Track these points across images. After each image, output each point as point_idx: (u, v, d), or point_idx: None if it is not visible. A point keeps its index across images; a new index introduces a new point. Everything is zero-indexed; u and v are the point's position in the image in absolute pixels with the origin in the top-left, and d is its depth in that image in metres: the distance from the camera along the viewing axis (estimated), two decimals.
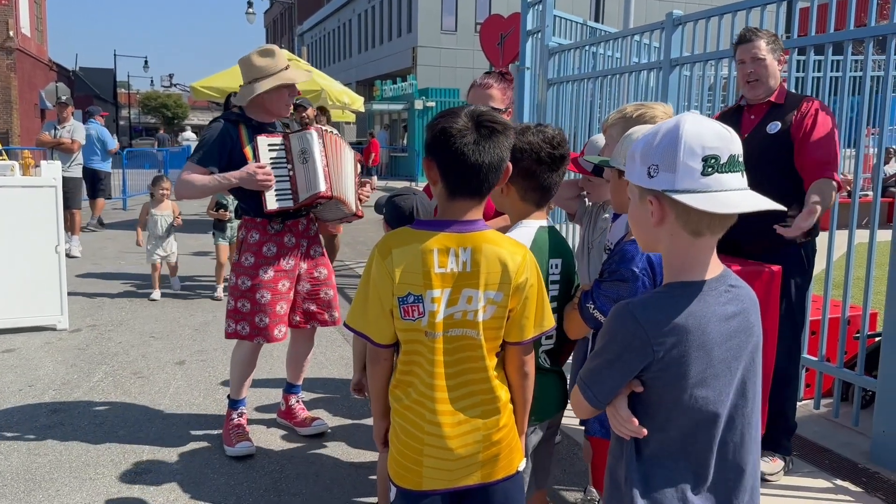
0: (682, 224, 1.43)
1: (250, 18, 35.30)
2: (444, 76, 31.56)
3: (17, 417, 4.06)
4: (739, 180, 1.40)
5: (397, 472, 1.93)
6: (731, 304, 1.48)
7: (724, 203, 1.36)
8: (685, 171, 1.37)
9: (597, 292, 2.14)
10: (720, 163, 1.37)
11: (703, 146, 1.37)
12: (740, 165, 1.40)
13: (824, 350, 4.08)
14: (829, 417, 4.11)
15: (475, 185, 1.83)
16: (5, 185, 5.69)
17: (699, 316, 1.43)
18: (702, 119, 1.42)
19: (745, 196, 1.39)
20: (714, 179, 1.37)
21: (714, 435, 1.49)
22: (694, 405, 1.46)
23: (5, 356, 5.13)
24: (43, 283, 5.76)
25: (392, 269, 1.80)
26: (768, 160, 3.30)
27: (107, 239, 10.68)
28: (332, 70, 40.27)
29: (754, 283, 3.07)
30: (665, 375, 1.45)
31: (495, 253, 1.83)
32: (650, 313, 1.44)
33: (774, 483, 3.38)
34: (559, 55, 6.47)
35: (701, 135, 1.38)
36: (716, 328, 1.44)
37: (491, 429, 1.89)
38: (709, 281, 1.46)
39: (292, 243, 3.62)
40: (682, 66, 4.98)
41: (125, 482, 3.36)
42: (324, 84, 11.26)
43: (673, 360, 1.43)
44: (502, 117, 1.88)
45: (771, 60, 3.31)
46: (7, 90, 28.47)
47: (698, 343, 1.43)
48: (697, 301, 1.44)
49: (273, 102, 3.52)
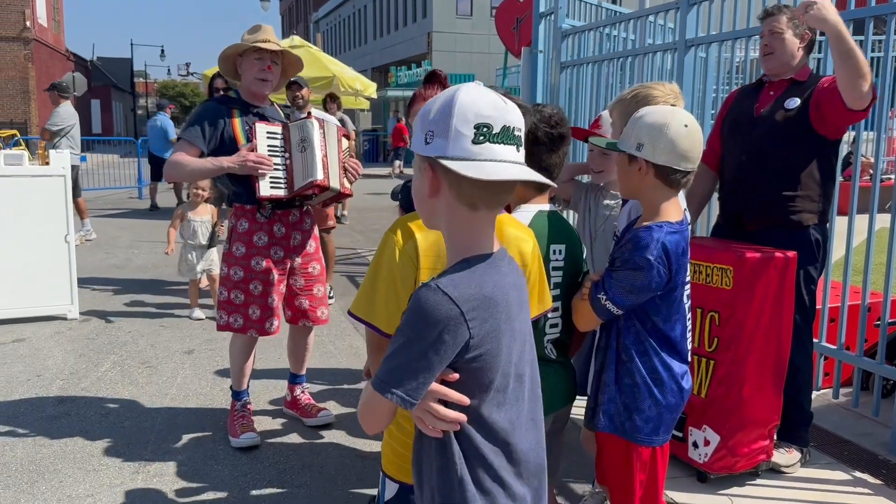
0: (456, 195, 1.37)
1: (265, 6, 35.26)
2: (459, 61, 31.38)
3: (24, 408, 4.05)
4: (514, 153, 1.35)
5: (400, 467, 1.85)
6: (513, 274, 1.47)
7: (488, 171, 1.31)
8: (457, 137, 1.32)
9: (609, 282, 2.06)
10: (492, 132, 1.33)
11: (477, 114, 1.33)
12: (516, 139, 1.35)
13: (843, 338, 3.97)
14: (849, 407, 4.00)
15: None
16: (15, 175, 5.68)
17: (502, 286, 1.40)
18: (480, 88, 1.37)
19: (512, 168, 1.34)
20: (485, 148, 1.33)
21: (522, 410, 1.47)
22: (504, 381, 1.42)
23: (15, 346, 5.13)
24: (53, 273, 5.76)
25: (416, 253, 1.73)
26: (784, 136, 3.23)
27: (120, 228, 10.70)
28: (347, 57, 40.20)
29: (769, 269, 3.03)
30: (481, 354, 1.37)
31: (514, 236, 1.82)
32: (460, 289, 1.34)
33: (791, 475, 3.29)
34: (572, 37, 6.35)
35: (475, 102, 1.34)
36: (514, 297, 1.43)
37: None
38: (496, 252, 1.44)
39: (282, 233, 3.56)
40: (698, 47, 4.86)
41: (129, 473, 3.33)
42: (335, 70, 11.19)
43: (487, 335, 1.36)
44: (516, 97, 1.83)
45: (790, 37, 3.24)
46: (25, 80, 28.69)
47: (506, 315, 1.40)
48: (495, 272, 1.41)
49: (245, 73, 3.47)
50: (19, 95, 28.70)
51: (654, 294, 2.06)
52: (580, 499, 3.05)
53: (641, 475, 2.16)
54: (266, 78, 3.46)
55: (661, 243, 2.02)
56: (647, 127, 2.07)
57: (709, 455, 3.09)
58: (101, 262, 8.14)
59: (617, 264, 2.08)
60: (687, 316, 2.21)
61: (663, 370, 2.11)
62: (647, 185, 2.11)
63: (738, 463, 3.14)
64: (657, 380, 2.11)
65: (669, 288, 2.08)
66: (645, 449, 2.15)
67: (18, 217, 5.66)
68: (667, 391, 2.12)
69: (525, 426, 1.48)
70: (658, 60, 5.30)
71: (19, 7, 28.15)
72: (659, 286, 2.04)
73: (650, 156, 2.06)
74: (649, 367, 2.11)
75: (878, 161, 3.79)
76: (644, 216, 2.15)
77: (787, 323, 3.14)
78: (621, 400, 2.13)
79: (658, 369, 2.11)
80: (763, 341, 3.07)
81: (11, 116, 27.97)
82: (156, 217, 11.82)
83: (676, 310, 2.12)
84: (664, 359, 2.12)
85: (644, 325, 2.11)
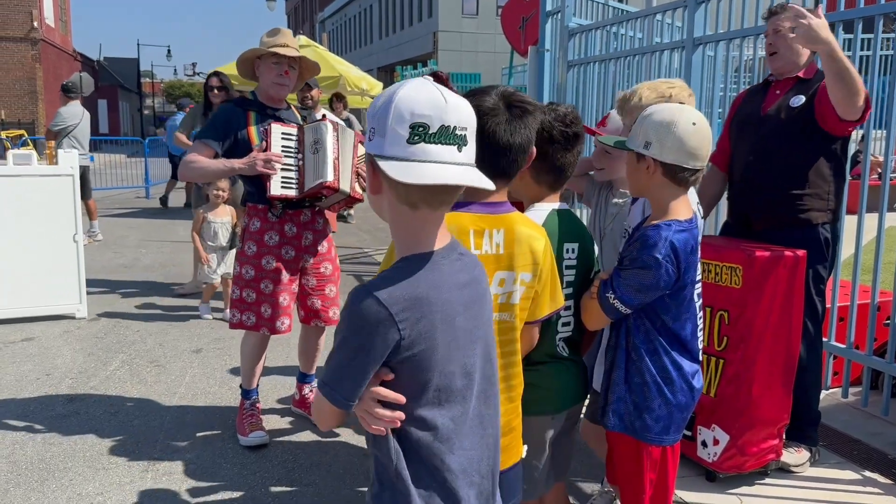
0: (395, 195, 1.35)
1: (271, 6, 35.31)
2: (465, 61, 31.36)
3: (33, 406, 4.07)
4: (453, 154, 1.31)
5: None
6: (463, 272, 1.44)
7: (417, 174, 1.28)
8: (393, 136, 1.30)
9: (617, 281, 2.05)
10: (428, 132, 1.29)
11: (413, 112, 1.29)
12: (458, 139, 1.31)
13: (853, 337, 3.96)
14: (858, 407, 3.99)
15: (505, 166, 1.80)
16: (24, 174, 5.69)
17: (440, 286, 1.38)
18: (423, 85, 1.33)
19: (447, 170, 1.30)
20: (420, 149, 1.29)
21: (469, 407, 1.45)
22: (444, 380, 1.41)
23: (25, 345, 5.15)
24: (62, 272, 5.78)
25: None
26: (788, 134, 3.23)
27: (129, 227, 10.73)
28: (353, 56, 40.21)
29: (778, 268, 3.02)
30: (415, 354, 1.36)
31: (526, 235, 1.82)
32: (390, 290, 1.34)
33: (800, 475, 3.28)
34: (579, 36, 6.35)
35: (413, 100, 1.30)
36: (456, 297, 1.41)
37: (509, 414, 1.86)
38: (439, 250, 1.41)
39: (293, 233, 3.57)
40: (706, 46, 4.85)
41: (138, 471, 3.34)
42: (341, 70, 11.20)
43: (420, 335, 1.35)
44: (530, 98, 1.84)
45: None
46: (32, 80, 28.79)
47: (443, 314, 1.38)
48: (433, 271, 1.38)
49: (263, 76, 3.50)
50: (27, 95, 28.81)
51: (662, 293, 2.06)
52: (589, 498, 3.05)
53: (651, 474, 2.16)
54: (283, 82, 3.51)
55: (669, 241, 2.01)
56: (654, 125, 2.07)
57: (718, 454, 3.09)
58: (109, 262, 8.17)
59: (625, 263, 2.08)
60: (698, 315, 2.20)
61: (673, 369, 2.11)
62: (655, 184, 2.11)
63: (748, 462, 3.13)
64: (667, 378, 2.11)
65: (678, 286, 2.07)
66: (655, 448, 2.15)
67: (27, 216, 5.67)
68: (677, 390, 2.11)
69: (470, 424, 1.47)
70: (666, 59, 5.29)
71: (27, 7, 28.26)
72: (668, 285, 2.04)
73: (658, 154, 2.06)
74: (659, 365, 2.11)
75: (888, 159, 3.77)
76: (653, 215, 2.14)
77: (796, 322, 3.13)
78: (631, 399, 2.13)
79: (668, 368, 2.11)
80: (772, 340, 3.06)
81: (19, 116, 28.08)
82: (164, 216, 11.85)
83: (686, 308, 2.12)
84: (674, 357, 2.11)
85: (654, 323, 2.10)
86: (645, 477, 2.15)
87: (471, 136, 1.37)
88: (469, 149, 1.36)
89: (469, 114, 1.36)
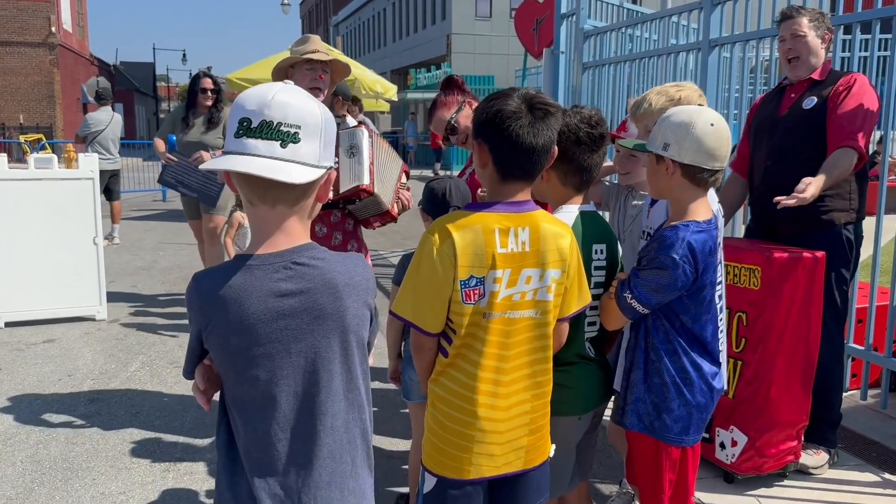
0: (241, 189, 1.42)
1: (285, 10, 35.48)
2: (478, 63, 31.39)
3: (56, 407, 4.13)
4: (270, 147, 1.36)
5: (440, 461, 1.88)
6: (289, 281, 1.40)
7: (223, 162, 1.36)
8: (230, 131, 1.39)
9: (635, 281, 2.07)
10: (251, 126, 1.36)
11: (244, 108, 1.37)
12: (282, 135, 1.36)
13: (871, 339, 3.94)
14: (877, 409, 3.97)
15: (528, 168, 1.83)
16: (45, 178, 5.77)
17: (239, 289, 1.39)
18: (268, 85, 1.40)
19: (250, 162, 1.34)
20: (240, 142, 1.37)
21: (272, 419, 1.43)
22: (247, 384, 1.43)
23: (46, 346, 5.22)
24: (82, 275, 5.85)
25: (454, 252, 1.76)
26: (800, 135, 3.24)
27: (146, 230, 10.83)
28: (366, 59, 40.33)
29: (797, 269, 3.01)
30: (214, 347, 1.43)
31: (552, 232, 1.84)
32: (204, 282, 1.43)
33: (819, 476, 3.27)
34: (594, 38, 6.35)
35: (247, 97, 1.39)
36: (258, 304, 1.39)
37: (538, 412, 1.88)
38: (265, 255, 1.41)
39: (323, 233, 3.60)
40: (722, 47, 4.84)
41: (159, 471, 3.38)
42: (356, 73, 11.25)
43: (214, 330, 1.41)
44: (552, 99, 1.87)
45: (813, 38, 3.22)
46: (50, 85, 29.11)
47: (237, 316, 1.39)
48: (243, 274, 1.40)
49: (298, 83, 3.53)
50: (45, 100, 29.14)
51: (680, 293, 2.07)
52: (608, 498, 3.06)
53: (671, 474, 2.17)
54: (319, 86, 3.56)
55: (686, 242, 2.02)
56: (672, 126, 2.08)
57: (736, 456, 3.09)
58: (127, 264, 8.25)
59: (643, 263, 2.09)
60: (719, 317, 2.21)
61: (692, 370, 2.12)
62: (674, 185, 2.12)
63: (766, 464, 3.13)
64: (686, 379, 2.12)
65: (697, 287, 2.08)
66: (675, 448, 2.16)
67: (47, 220, 5.75)
68: (696, 391, 2.12)
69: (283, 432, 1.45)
70: (682, 61, 5.29)
71: (45, 13, 28.59)
72: (685, 285, 2.05)
73: (676, 155, 2.07)
74: (678, 366, 2.12)
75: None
76: (672, 216, 2.16)
77: (815, 323, 3.12)
78: (650, 399, 2.14)
79: (687, 369, 2.12)
80: (791, 342, 3.06)
81: (38, 121, 28.40)
82: (180, 219, 11.93)
83: (707, 310, 2.13)
84: (693, 358, 2.12)
85: (673, 324, 2.11)
86: (664, 477, 2.16)
87: (306, 135, 1.38)
88: (299, 147, 1.38)
89: (303, 113, 1.39)
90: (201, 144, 5.85)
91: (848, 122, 3.08)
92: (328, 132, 1.44)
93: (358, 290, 1.46)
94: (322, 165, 1.42)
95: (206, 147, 5.85)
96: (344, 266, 1.46)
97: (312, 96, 1.46)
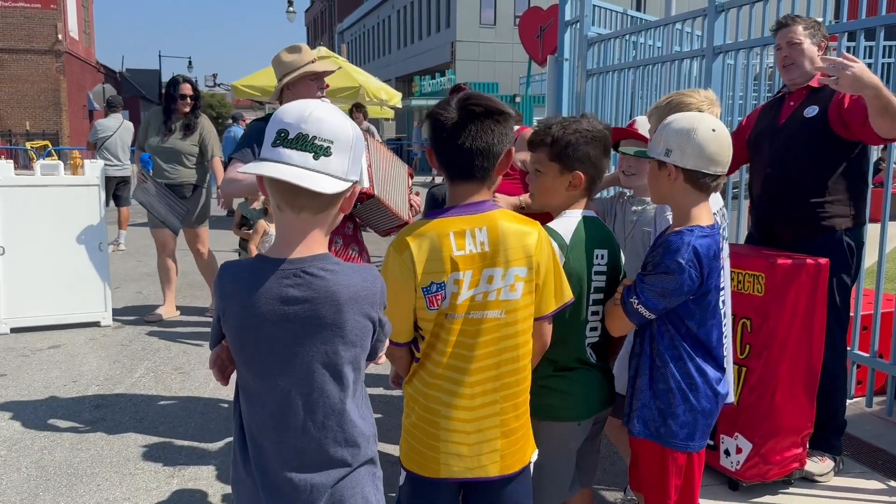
0: (271, 194, 1.52)
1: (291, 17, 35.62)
2: (483, 70, 31.44)
3: (61, 412, 4.14)
4: (303, 158, 1.46)
5: (410, 457, 1.93)
6: (296, 289, 1.50)
7: (259, 167, 1.47)
8: (268, 140, 1.50)
9: (640, 286, 2.07)
10: (288, 137, 1.47)
11: (283, 120, 1.49)
12: (314, 147, 1.46)
13: (877, 346, 3.93)
14: (882, 416, 3.96)
15: (471, 169, 1.85)
16: (51, 185, 5.80)
17: (253, 289, 1.50)
18: (306, 101, 1.52)
19: (284, 170, 1.44)
20: (277, 151, 1.47)
21: (268, 411, 1.54)
22: (249, 373, 1.56)
23: (52, 352, 5.24)
24: (88, 280, 5.87)
25: (412, 262, 1.80)
26: (802, 144, 3.24)
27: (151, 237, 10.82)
28: (371, 67, 40.45)
29: (800, 276, 3.01)
30: (227, 333, 1.57)
31: (513, 230, 1.84)
32: (226, 274, 1.56)
33: (824, 484, 3.26)
34: (598, 45, 6.36)
35: (286, 111, 1.50)
36: (265, 305, 1.50)
37: (508, 413, 1.88)
38: (281, 260, 1.51)
39: None
40: (726, 54, 4.85)
41: (164, 477, 3.39)
42: (361, 80, 11.29)
43: (229, 319, 1.54)
44: (495, 101, 1.87)
45: (808, 45, 3.25)
46: (57, 92, 29.26)
47: (245, 312, 1.51)
48: (260, 276, 1.51)
49: (301, 96, 3.54)
50: (51, 107, 29.27)
51: (686, 298, 2.07)
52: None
53: (677, 480, 2.17)
54: (324, 97, 3.59)
55: (692, 247, 2.03)
56: (674, 132, 2.10)
57: (741, 463, 3.08)
58: (132, 270, 8.27)
59: (649, 268, 2.10)
60: (724, 322, 2.21)
61: (698, 375, 2.12)
62: (677, 191, 2.13)
63: (771, 471, 3.12)
64: (692, 385, 2.12)
65: (702, 292, 2.09)
66: (681, 454, 2.16)
67: (53, 226, 5.77)
68: (701, 396, 2.12)
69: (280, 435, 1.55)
70: (686, 67, 5.29)
71: (52, 20, 28.75)
72: (691, 290, 2.06)
73: (679, 160, 2.08)
74: (684, 371, 2.12)
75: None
76: (675, 222, 2.17)
77: (819, 329, 3.12)
78: (656, 405, 2.14)
79: (693, 374, 2.12)
80: (795, 348, 3.05)
81: (44, 127, 28.53)
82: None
83: (712, 315, 2.13)
84: (699, 363, 2.12)
85: (678, 329, 2.12)
86: (670, 483, 2.16)
87: (337, 150, 1.48)
88: (330, 160, 1.48)
89: (337, 129, 1.49)
90: (176, 151, 5.91)
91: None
92: (357, 149, 1.54)
93: (361, 303, 1.53)
94: (349, 179, 1.51)
95: (182, 154, 5.90)
96: (351, 280, 1.53)
97: (346, 115, 1.55)
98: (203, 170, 6.12)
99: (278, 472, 1.53)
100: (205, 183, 6.19)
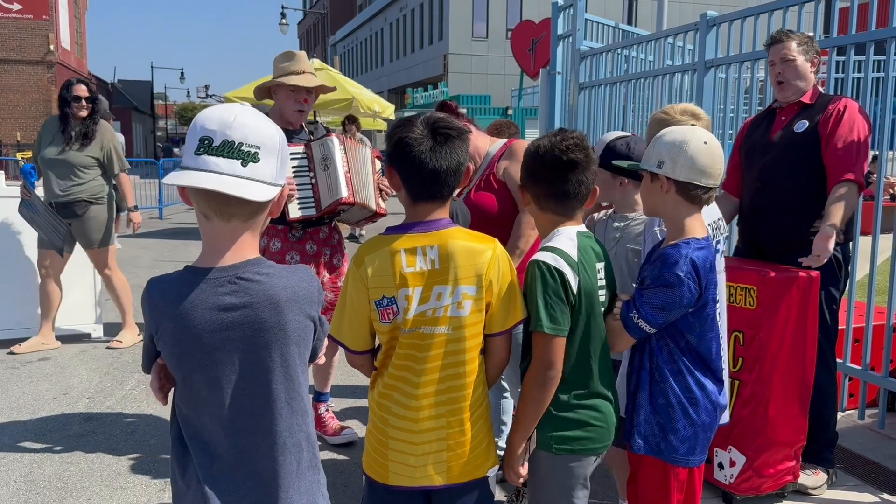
0: (196, 203, 1.49)
1: (283, 29, 35.74)
2: (475, 83, 31.59)
3: (51, 425, 4.10)
4: (231, 165, 1.43)
5: (368, 462, 2.01)
6: (233, 295, 1.48)
7: (185, 178, 1.42)
8: (189, 148, 1.46)
9: (640, 301, 2.07)
10: (212, 145, 1.43)
11: (203, 127, 1.45)
12: (242, 154, 1.44)
13: (868, 359, 3.95)
14: (874, 429, 3.97)
15: (435, 190, 1.90)
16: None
17: (185, 301, 1.47)
18: (228, 106, 1.48)
19: (213, 179, 1.41)
20: (202, 159, 1.43)
21: (216, 421, 1.52)
22: (192, 388, 1.52)
23: (41, 364, 5.20)
24: (77, 292, 5.83)
25: (365, 276, 1.87)
26: (793, 159, 3.27)
27: (141, 248, 10.82)
28: (364, 79, 40.55)
29: (791, 289, 3.03)
30: (163, 350, 1.53)
31: (463, 248, 1.88)
32: (156, 289, 1.52)
33: (817, 497, 3.26)
34: (591, 59, 6.40)
35: (207, 117, 1.46)
36: (203, 315, 1.47)
37: (454, 428, 1.91)
38: (213, 269, 1.49)
39: (314, 251, 3.61)
40: (717, 68, 4.89)
41: (155, 490, 3.36)
42: (354, 92, 11.31)
43: (163, 336, 1.50)
44: (457, 123, 1.92)
45: (802, 62, 3.28)
46: (48, 103, 29.17)
47: (182, 326, 1.47)
48: (192, 287, 1.48)
49: (283, 104, 3.55)
50: (42, 118, 29.12)
51: (685, 310, 2.08)
52: None
53: (679, 495, 2.16)
54: (304, 109, 3.59)
55: (689, 259, 2.04)
56: (666, 145, 2.12)
57: (734, 476, 3.08)
58: None
59: (647, 282, 2.10)
60: (721, 335, 2.21)
61: (697, 389, 2.12)
62: (669, 202, 2.14)
63: (765, 484, 3.12)
64: (692, 399, 2.12)
65: (701, 304, 2.09)
66: (682, 469, 2.15)
67: None
68: (701, 410, 2.13)
69: (226, 441, 1.53)
70: (677, 81, 5.33)
71: (43, 31, 28.72)
72: (690, 302, 2.06)
73: (671, 172, 2.10)
74: (683, 386, 2.12)
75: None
76: (669, 235, 2.17)
77: (811, 342, 3.13)
78: (656, 420, 2.14)
79: (692, 388, 2.12)
80: (787, 361, 3.06)
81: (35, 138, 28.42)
82: (177, 237, 11.94)
83: (710, 327, 2.13)
84: (698, 377, 2.13)
85: (677, 343, 2.12)
86: (672, 499, 2.15)
87: (265, 155, 1.47)
88: (258, 166, 1.46)
89: (262, 134, 1.47)
90: (69, 164, 5.24)
91: (845, 153, 3.14)
92: (283, 152, 1.53)
93: (301, 303, 1.54)
94: (278, 184, 1.51)
95: (76, 166, 5.24)
96: (288, 281, 1.54)
97: (268, 118, 1.53)
98: (100, 183, 5.42)
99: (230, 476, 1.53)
100: (104, 199, 5.48)
